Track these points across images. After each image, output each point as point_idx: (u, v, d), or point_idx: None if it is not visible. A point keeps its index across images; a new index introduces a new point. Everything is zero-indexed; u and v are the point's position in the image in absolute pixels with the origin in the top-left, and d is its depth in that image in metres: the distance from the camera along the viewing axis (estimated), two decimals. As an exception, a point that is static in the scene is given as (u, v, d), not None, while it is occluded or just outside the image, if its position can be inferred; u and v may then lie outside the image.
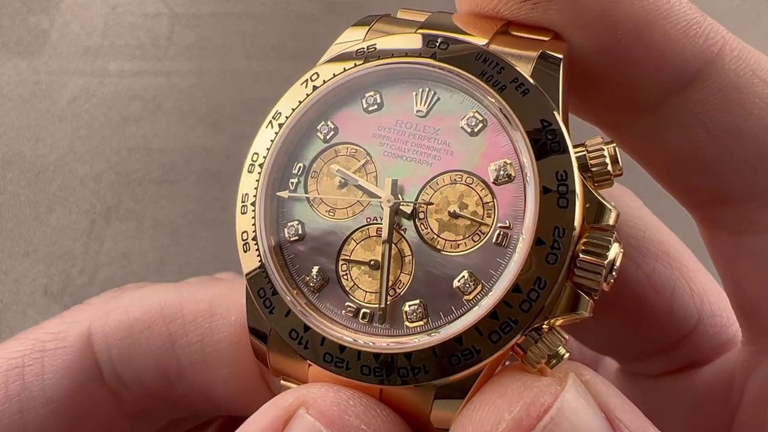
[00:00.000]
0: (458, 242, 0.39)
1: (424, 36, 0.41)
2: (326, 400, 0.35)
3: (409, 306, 0.39)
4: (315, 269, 0.41)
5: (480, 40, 0.40)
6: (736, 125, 0.39)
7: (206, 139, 1.30)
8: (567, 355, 0.36)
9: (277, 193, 0.43)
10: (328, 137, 0.43)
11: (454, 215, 0.39)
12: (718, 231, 0.45)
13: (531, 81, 0.38)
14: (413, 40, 0.41)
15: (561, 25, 0.39)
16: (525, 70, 0.39)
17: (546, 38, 0.39)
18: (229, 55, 1.39)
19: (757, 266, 0.43)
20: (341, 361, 0.38)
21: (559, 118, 0.37)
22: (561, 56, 0.39)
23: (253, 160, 0.43)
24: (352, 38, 0.44)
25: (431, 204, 0.40)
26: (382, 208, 0.40)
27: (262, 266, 0.41)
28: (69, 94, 1.33)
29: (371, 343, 0.38)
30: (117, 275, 1.17)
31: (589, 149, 0.38)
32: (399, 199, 0.40)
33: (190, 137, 1.30)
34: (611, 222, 0.37)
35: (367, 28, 0.44)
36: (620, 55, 0.39)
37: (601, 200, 0.37)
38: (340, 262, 0.41)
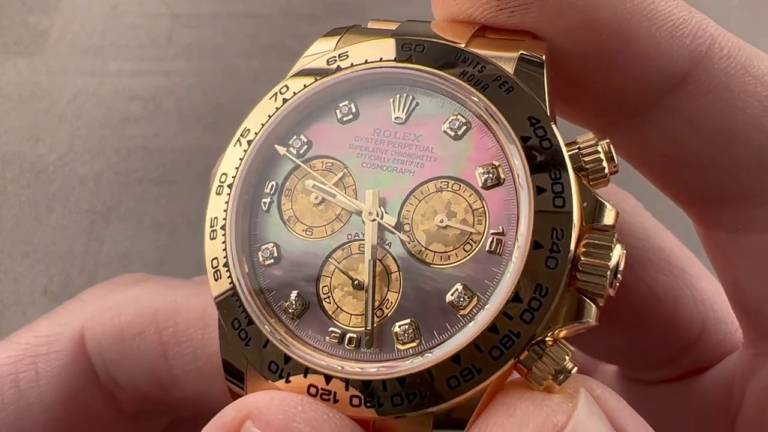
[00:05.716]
0: (448, 253, 0.37)
1: (398, 41, 0.39)
2: (271, 409, 0.33)
3: (399, 326, 0.36)
4: (293, 294, 0.38)
5: (456, 44, 0.38)
6: (728, 125, 0.38)
7: (206, 139, 1.29)
8: (575, 369, 0.33)
9: (275, 145, 0.40)
10: (301, 152, 0.41)
11: (443, 225, 0.37)
12: (715, 230, 0.44)
13: (514, 78, 0.36)
14: (387, 45, 0.39)
15: (540, 32, 0.38)
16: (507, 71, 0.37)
17: (524, 39, 0.38)
18: (229, 55, 1.38)
19: (757, 266, 0.42)
20: (327, 393, 0.35)
21: (548, 114, 0.35)
22: (543, 57, 0.37)
23: (221, 182, 0.41)
24: (322, 49, 0.42)
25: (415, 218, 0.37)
26: (364, 223, 0.38)
27: (235, 294, 0.38)
28: (69, 94, 1.33)
29: (359, 370, 0.35)
30: (117, 275, 1.16)
31: (582, 146, 0.36)
32: (381, 211, 0.38)
33: (190, 137, 1.30)
34: (611, 222, 0.35)
35: (338, 38, 0.42)
36: (605, 60, 0.37)
37: (599, 198, 0.35)
38: (321, 285, 0.38)
